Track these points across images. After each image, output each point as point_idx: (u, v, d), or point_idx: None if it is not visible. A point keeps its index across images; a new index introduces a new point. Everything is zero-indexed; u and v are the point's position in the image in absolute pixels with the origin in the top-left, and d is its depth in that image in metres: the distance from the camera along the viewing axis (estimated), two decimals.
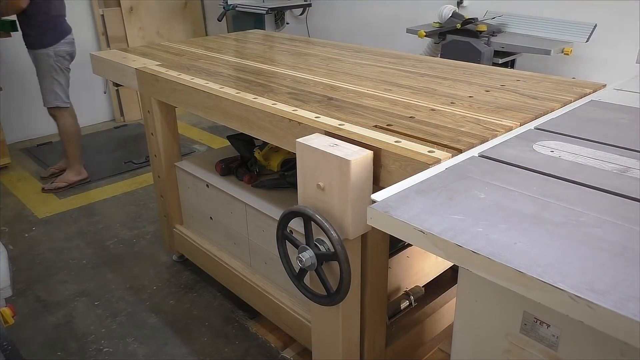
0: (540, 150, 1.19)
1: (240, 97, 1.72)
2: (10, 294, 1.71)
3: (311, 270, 1.39)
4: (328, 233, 1.28)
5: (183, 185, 2.38)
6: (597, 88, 1.74)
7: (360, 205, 1.28)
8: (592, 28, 2.97)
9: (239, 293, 2.20)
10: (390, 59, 2.25)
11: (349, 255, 1.30)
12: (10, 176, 3.86)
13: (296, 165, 1.40)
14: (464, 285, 1.00)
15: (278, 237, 1.47)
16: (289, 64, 2.21)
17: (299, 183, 1.41)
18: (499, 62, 3.07)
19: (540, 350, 0.90)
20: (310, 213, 1.31)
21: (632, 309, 0.64)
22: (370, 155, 1.26)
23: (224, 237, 2.23)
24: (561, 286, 0.69)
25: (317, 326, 1.63)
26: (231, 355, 2.07)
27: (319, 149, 1.30)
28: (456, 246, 0.81)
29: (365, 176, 1.27)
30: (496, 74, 1.97)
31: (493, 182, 1.02)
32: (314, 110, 1.56)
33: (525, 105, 1.57)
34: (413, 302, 1.75)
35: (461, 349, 1.06)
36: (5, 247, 2.09)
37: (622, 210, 0.91)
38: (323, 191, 1.32)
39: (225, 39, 2.93)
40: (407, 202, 0.95)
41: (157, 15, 5.11)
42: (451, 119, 1.46)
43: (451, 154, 1.21)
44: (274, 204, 1.94)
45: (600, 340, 0.81)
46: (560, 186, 1.01)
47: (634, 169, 1.07)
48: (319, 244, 1.37)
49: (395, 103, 1.63)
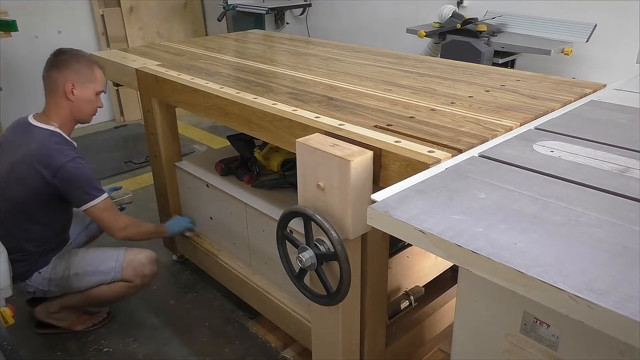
0: (540, 150, 1.19)
1: (240, 97, 1.72)
2: (10, 294, 1.71)
3: (311, 270, 1.39)
4: (328, 233, 1.28)
5: (183, 185, 2.38)
6: (597, 88, 1.74)
7: (360, 205, 1.28)
8: (592, 28, 2.96)
9: (239, 293, 2.20)
10: (391, 59, 2.25)
11: (349, 255, 1.30)
12: None
13: (296, 165, 1.40)
14: (464, 285, 1.00)
15: (278, 237, 1.47)
16: (289, 64, 2.21)
17: (299, 183, 1.41)
18: (499, 62, 3.07)
19: (540, 350, 0.90)
20: (310, 213, 1.31)
21: (632, 309, 0.64)
22: (370, 156, 1.26)
23: (224, 237, 2.23)
24: (561, 286, 0.69)
25: (317, 326, 1.63)
26: (231, 355, 2.07)
27: (319, 149, 1.29)
28: (456, 246, 0.81)
29: (365, 176, 1.27)
30: (496, 74, 1.97)
31: (493, 182, 1.02)
32: (314, 110, 1.56)
33: (525, 105, 1.57)
34: (413, 302, 1.75)
35: (461, 349, 1.06)
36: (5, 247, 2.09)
37: (622, 210, 0.90)
38: (323, 191, 1.32)
39: (225, 39, 2.93)
40: (407, 202, 0.95)
41: (157, 15, 5.10)
42: (451, 119, 1.46)
43: (451, 154, 1.21)
44: (274, 204, 1.94)
45: (600, 340, 0.81)
46: (560, 186, 1.01)
47: (634, 169, 1.07)
48: (319, 244, 1.36)
49: (395, 103, 1.63)
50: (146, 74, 2.14)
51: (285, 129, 1.53)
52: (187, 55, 2.44)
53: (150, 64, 2.25)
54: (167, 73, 2.08)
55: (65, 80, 1.92)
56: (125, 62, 2.32)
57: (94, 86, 1.99)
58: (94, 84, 1.99)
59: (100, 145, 4.45)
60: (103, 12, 4.74)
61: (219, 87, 1.85)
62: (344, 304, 1.43)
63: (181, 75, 2.03)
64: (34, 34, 4.41)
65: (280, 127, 1.55)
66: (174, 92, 2.00)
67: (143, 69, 2.17)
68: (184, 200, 2.43)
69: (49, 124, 1.94)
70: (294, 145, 1.38)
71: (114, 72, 2.40)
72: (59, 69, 1.94)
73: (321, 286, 1.41)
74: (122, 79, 2.38)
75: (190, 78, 1.98)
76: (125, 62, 2.32)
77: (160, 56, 2.42)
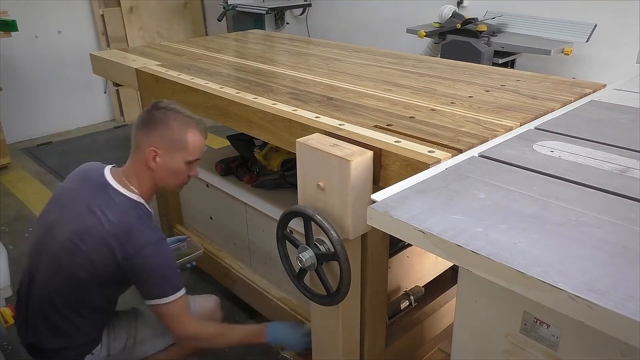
0: (540, 150, 1.19)
1: (240, 97, 1.72)
2: (10, 294, 1.71)
3: (311, 270, 1.39)
4: (328, 233, 1.28)
5: None
6: (597, 88, 1.74)
7: (360, 205, 1.28)
8: (592, 28, 2.97)
9: (238, 293, 2.20)
10: (391, 59, 2.25)
11: (349, 255, 1.30)
12: (10, 176, 3.86)
13: (296, 165, 1.39)
14: (464, 285, 1.00)
15: (278, 237, 1.47)
16: (289, 64, 2.21)
17: (299, 183, 1.41)
18: (499, 62, 3.07)
19: (540, 350, 0.90)
20: (311, 213, 1.31)
21: (632, 309, 0.64)
22: (370, 156, 1.26)
23: (224, 237, 2.23)
24: (561, 286, 0.69)
25: (317, 326, 1.63)
26: (231, 355, 2.07)
27: (319, 149, 1.29)
28: (456, 246, 0.81)
29: (365, 176, 1.26)
30: (496, 74, 1.97)
31: (493, 182, 1.02)
32: (314, 110, 1.56)
33: (525, 105, 1.57)
34: (413, 302, 1.75)
35: (461, 349, 1.06)
36: (5, 247, 2.09)
37: (622, 210, 0.90)
38: (323, 191, 1.32)
39: (225, 39, 2.93)
40: (407, 202, 0.95)
41: (157, 15, 5.10)
42: (451, 119, 1.46)
43: (451, 154, 1.21)
44: (274, 204, 1.94)
45: (600, 340, 0.81)
46: (560, 186, 1.01)
47: (634, 169, 1.07)
48: (318, 244, 1.36)
49: (395, 103, 1.63)
50: (146, 74, 2.14)
51: (285, 129, 1.53)
52: (187, 55, 2.44)
53: (150, 64, 2.25)
54: (167, 73, 2.08)
55: (148, 145, 1.54)
56: (125, 62, 2.32)
57: (183, 155, 1.57)
58: (183, 152, 1.57)
59: (100, 145, 4.45)
60: (103, 12, 4.75)
61: (219, 87, 1.85)
62: (344, 304, 1.43)
63: (181, 75, 2.03)
64: (34, 34, 4.42)
65: (280, 127, 1.55)
66: (174, 92, 2.00)
67: (143, 69, 2.17)
68: (184, 200, 2.43)
69: (131, 190, 1.55)
70: (294, 145, 1.38)
71: (114, 72, 2.40)
72: (146, 130, 1.56)
73: (321, 286, 1.41)
74: (122, 79, 2.38)
75: (190, 78, 1.98)
76: (125, 62, 2.31)
77: (160, 56, 2.42)
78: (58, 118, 4.70)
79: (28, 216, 3.25)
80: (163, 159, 1.55)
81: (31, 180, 3.80)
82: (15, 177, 3.84)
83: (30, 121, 4.54)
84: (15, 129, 4.40)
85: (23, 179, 3.82)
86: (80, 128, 4.80)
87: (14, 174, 3.91)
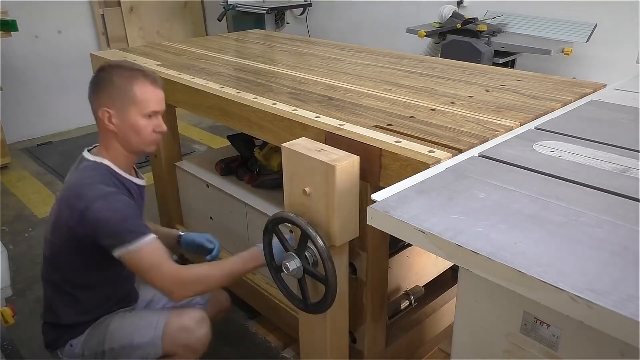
0: (540, 150, 1.19)
1: (240, 97, 1.72)
2: (10, 294, 1.71)
3: (296, 277, 1.37)
4: (315, 241, 1.25)
5: (183, 185, 2.38)
6: (597, 88, 1.74)
7: (347, 211, 1.25)
8: (592, 28, 2.97)
9: (238, 293, 2.20)
10: (391, 59, 2.25)
11: (336, 261, 1.28)
12: (10, 176, 3.86)
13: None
14: (464, 285, 1.00)
15: (264, 235, 1.43)
16: (289, 64, 2.21)
17: (285, 189, 1.38)
18: (499, 62, 3.07)
19: (540, 350, 0.90)
20: (298, 221, 1.28)
21: (632, 309, 0.64)
22: (356, 161, 1.24)
23: (224, 237, 2.23)
24: (561, 286, 0.69)
25: (305, 332, 1.61)
26: (231, 355, 2.07)
27: (304, 154, 1.26)
28: (456, 246, 0.81)
29: (351, 182, 1.24)
30: (496, 74, 1.97)
31: (493, 182, 1.02)
32: (314, 110, 1.56)
33: (526, 105, 1.57)
34: (413, 302, 1.75)
35: (461, 349, 1.06)
36: (5, 247, 2.09)
37: (622, 210, 0.90)
38: (309, 197, 1.30)
39: (225, 39, 2.93)
40: (407, 202, 0.95)
41: (157, 15, 5.11)
42: (451, 119, 1.46)
43: (451, 154, 1.21)
44: (274, 204, 1.94)
45: (600, 340, 0.81)
46: (560, 186, 1.01)
47: (634, 169, 1.07)
48: (305, 250, 1.33)
49: (395, 103, 1.63)
50: None
51: (286, 128, 1.53)
52: (187, 55, 2.44)
53: (151, 63, 2.25)
54: (167, 73, 2.08)
55: (98, 107, 1.49)
56: None
57: (136, 109, 1.47)
58: (134, 106, 1.47)
59: None
60: (103, 12, 4.75)
61: (219, 87, 1.85)
62: (331, 311, 1.39)
63: (181, 75, 2.03)
64: (34, 33, 4.41)
65: (280, 127, 1.55)
66: (174, 91, 2.00)
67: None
68: (184, 200, 2.43)
69: (98, 156, 1.52)
70: None
71: None
72: (95, 93, 1.51)
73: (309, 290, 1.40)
74: None
75: (191, 78, 1.98)
76: None
77: (160, 56, 2.42)
78: (58, 118, 4.70)
79: (28, 216, 3.25)
80: (118, 118, 1.47)
81: (31, 180, 3.80)
82: (15, 177, 3.84)
83: (30, 121, 4.54)
84: (15, 129, 4.40)
85: (23, 179, 3.81)
86: (80, 128, 4.80)
87: (14, 173, 3.91)
